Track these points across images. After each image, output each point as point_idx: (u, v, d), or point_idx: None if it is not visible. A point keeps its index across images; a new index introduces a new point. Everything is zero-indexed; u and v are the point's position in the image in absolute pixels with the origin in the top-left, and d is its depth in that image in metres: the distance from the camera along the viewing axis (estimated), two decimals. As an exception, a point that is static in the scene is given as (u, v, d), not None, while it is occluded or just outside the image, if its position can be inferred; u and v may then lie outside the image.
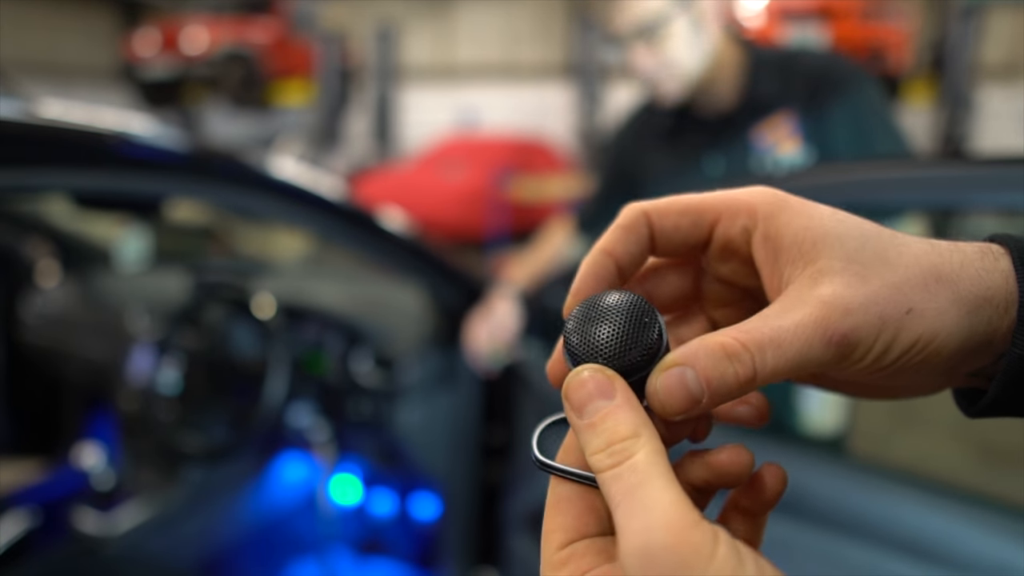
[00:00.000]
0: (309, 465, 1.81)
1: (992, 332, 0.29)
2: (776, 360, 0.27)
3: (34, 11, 15.49)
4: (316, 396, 1.54)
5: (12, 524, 1.53)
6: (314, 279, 2.05)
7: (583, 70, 10.36)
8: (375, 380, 1.48)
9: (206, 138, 7.65)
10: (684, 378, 0.27)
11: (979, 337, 0.29)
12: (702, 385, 0.27)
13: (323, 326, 1.63)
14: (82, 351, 1.90)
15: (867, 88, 1.14)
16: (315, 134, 10.29)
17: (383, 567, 1.87)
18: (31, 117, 0.74)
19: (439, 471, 1.55)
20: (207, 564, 1.74)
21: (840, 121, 1.13)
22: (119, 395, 1.73)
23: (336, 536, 1.81)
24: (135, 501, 1.65)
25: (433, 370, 1.49)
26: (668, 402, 0.27)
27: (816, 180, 0.89)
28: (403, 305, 1.69)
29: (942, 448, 3.31)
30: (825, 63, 1.17)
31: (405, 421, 1.45)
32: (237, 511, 1.80)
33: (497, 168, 7.97)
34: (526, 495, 1.26)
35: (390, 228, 1.26)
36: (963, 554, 0.78)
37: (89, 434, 2.16)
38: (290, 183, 1.08)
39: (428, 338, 1.52)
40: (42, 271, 2.14)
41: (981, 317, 0.29)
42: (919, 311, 0.28)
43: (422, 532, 1.90)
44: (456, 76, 13.94)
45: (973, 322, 0.29)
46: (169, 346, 1.56)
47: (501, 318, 1.27)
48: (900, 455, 3.18)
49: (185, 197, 0.95)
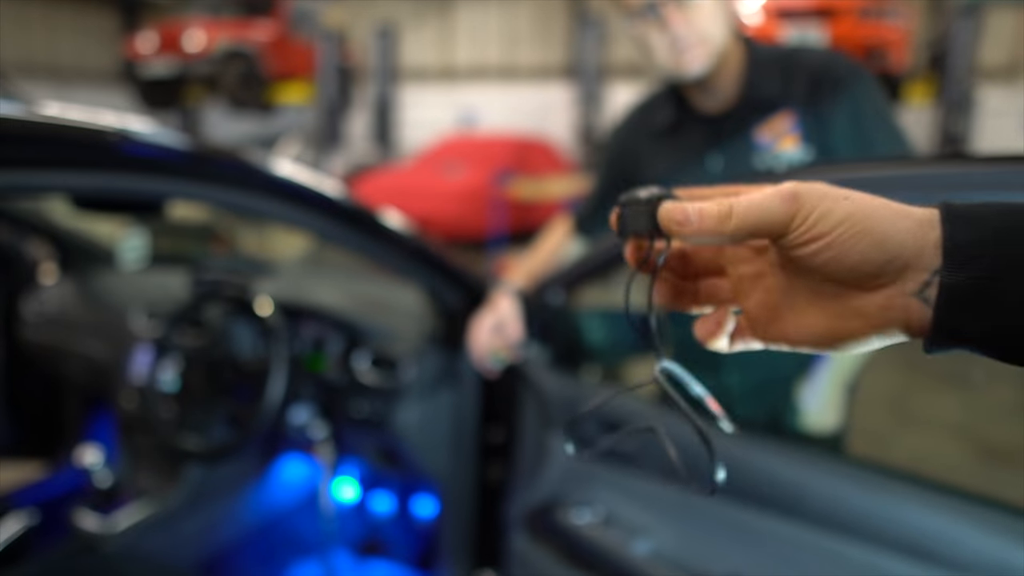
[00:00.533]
0: (309, 465, 1.81)
1: (922, 239, 0.36)
2: (747, 207, 0.38)
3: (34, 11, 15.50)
4: (316, 396, 1.54)
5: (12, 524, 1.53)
6: (314, 279, 2.05)
7: (583, 70, 10.35)
8: (375, 380, 1.48)
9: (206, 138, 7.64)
10: (684, 207, 0.40)
11: (906, 236, 0.36)
12: (693, 212, 0.39)
13: (323, 326, 1.62)
14: (82, 350, 1.90)
15: (867, 86, 1.14)
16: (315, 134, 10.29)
17: (383, 567, 1.87)
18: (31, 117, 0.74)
19: (439, 471, 1.55)
20: (207, 564, 1.74)
21: (840, 119, 1.13)
22: (119, 394, 1.73)
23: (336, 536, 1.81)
24: (135, 501, 1.65)
25: (433, 370, 1.49)
26: (670, 215, 0.40)
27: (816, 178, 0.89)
28: (403, 305, 1.69)
29: (942, 448, 3.31)
30: (825, 60, 1.17)
31: (405, 421, 1.45)
32: (237, 511, 1.80)
33: (497, 168, 7.97)
34: (526, 495, 1.26)
35: (390, 228, 1.26)
36: (963, 554, 0.78)
37: (89, 434, 2.16)
38: (290, 183, 1.08)
39: (428, 338, 1.52)
40: (42, 271, 2.14)
41: (909, 221, 0.36)
42: (854, 198, 0.38)
43: (422, 532, 1.90)
44: (456, 76, 13.94)
45: (900, 222, 0.36)
46: (169, 346, 1.56)
47: (505, 318, 1.26)
48: (900, 455, 3.18)
49: (185, 197, 0.95)
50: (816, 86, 1.15)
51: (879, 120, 1.14)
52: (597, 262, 1.16)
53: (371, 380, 1.48)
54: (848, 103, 1.13)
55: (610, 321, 1.53)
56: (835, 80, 1.14)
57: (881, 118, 1.14)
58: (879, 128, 1.13)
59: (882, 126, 1.14)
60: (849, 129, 1.13)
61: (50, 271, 2.13)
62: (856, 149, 1.13)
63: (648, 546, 1.05)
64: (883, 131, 1.13)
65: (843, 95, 1.13)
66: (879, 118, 1.14)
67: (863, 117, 1.13)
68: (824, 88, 1.14)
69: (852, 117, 1.13)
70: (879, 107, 1.15)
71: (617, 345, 1.48)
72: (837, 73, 1.14)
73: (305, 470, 1.96)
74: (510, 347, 1.26)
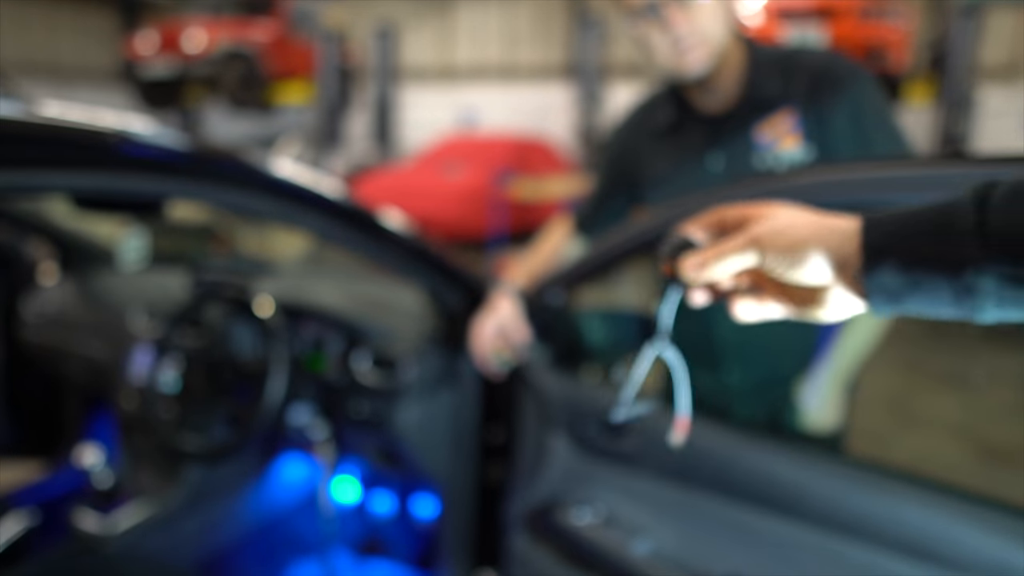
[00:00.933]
0: (309, 465, 1.81)
1: (848, 247, 0.52)
2: (736, 262, 0.56)
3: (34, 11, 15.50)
4: (316, 396, 1.54)
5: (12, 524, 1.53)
6: (314, 279, 2.05)
7: (583, 70, 10.35)
8: (375, 380, 1.48)
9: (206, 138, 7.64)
10: (698, 262, 0.58)
11: (836, 248, 0.52)
12: (703, 268, 0.58)
13: (323, 326, 1.62)
14: (82, 350, 1.90)
15: (867, 86, 1.14)
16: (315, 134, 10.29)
17: (383, 567, 1.87)
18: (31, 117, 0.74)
19: (439, 471, 1.55)
20: (207, 564, 1.74)
21: (840, 119, 1.13)
22: (119, 394, 1.73)
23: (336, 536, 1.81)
24: (135, 501, 1.64)
25: (433, 370, 1.49)
26: (686, 270, 0.59)
27: (816, 178, 0.89)
28: (403, 305, 1.69)
29: (942, 448, 3.31)
30: (825, 61, 1.17)
31: (405, 421, 1.45)
32: (237, 511, 1.80)
33: (497, 168, 7.97)
34: (526, 495, 1.26)
35: (390, 228, 1.26)
36: (963, 554, 0.78)
37: (89, 434, 2.16)
38: (290, 183, 1.08)
39: (428, 338, 1.52)
40: (42, 271, 2.14)
41: (836, 235, 0.52)
42: (794, 229, 0.54)
43: (422, 532, 1.90)
44: (456, 76, 13.94)
45: (830, 238, 0.53)
46: (169, 346, 1.56)
47: (508, 319, 1.26)
48: (900, 455, 3.18)
49: (185, 197, 0.95)
50: (816, 86, 1.15)
51: (879, 120, 1.14)
52: (597, 262, 1.16)
53: (371, 380, 1.48)
54: (848, 103, 1.13)
55: (610, 321, 1.53)
56: (835, 80, 1.14)
57: (881, 119, 1.14)
58: (879, 128, 1.14)
59: (882, 127, 1.14)
60: (849, 129, 1.13)
61: (50, 271, 2.13)
62: (856, 149, 1.13)
63: (648, 546, 1.05)
64: (883, 131, 1.14)
65: (843, 95, 1.13)
66: (879, 119, 1.14)
67: (863, 117, 1.13)
68: (824, 88, 1.14)
69: (852, 117, 1.13)
70: (879, 108, 1.15)
71: (617, 345, 1.48)
72: (837, 73, 1.14)
73: (305, 470, 1.96)
74: (514, 349, 1.26)
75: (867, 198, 0.84)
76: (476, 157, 8.46)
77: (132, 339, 1.76)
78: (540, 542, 1.20)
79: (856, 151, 1.13)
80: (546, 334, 1.32)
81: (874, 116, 1.14)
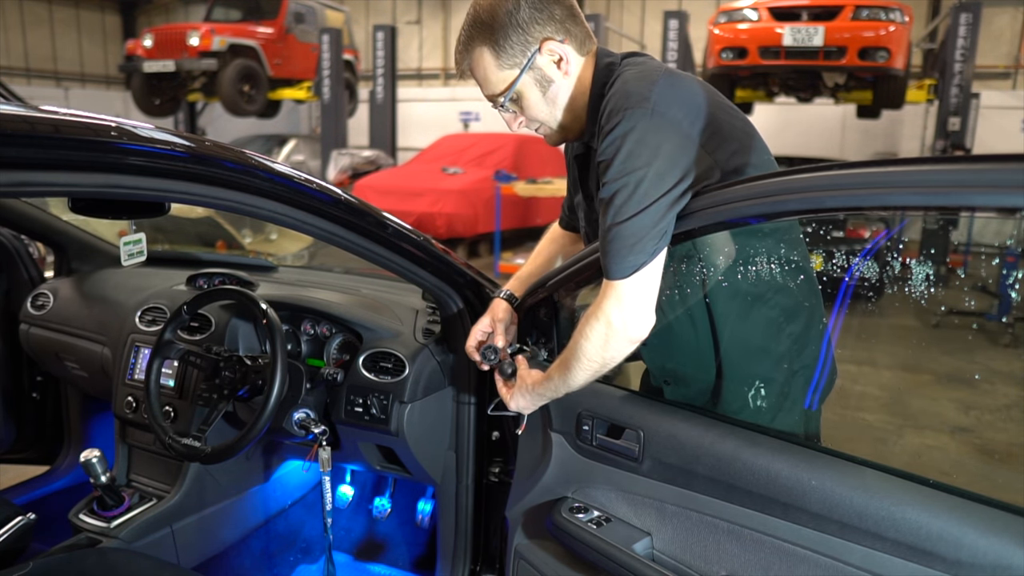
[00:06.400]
0: (309, 465, 1.81)
1: None
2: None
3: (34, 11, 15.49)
4: (316, 396, 1.54)
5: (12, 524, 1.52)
6: (314, 279, 2.05)
7: (583, 70, 10.32)
8: (375, 380, 1.48)
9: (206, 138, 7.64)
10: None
11: None
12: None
13: (323, 326, 1.62)
14: (82, 350, 1.90)
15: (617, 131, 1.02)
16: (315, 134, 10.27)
17: (383, 567, 1.87)
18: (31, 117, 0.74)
19: (439, 471, 1.55)
20: (207, 564, 1.74)
21: None
22: (119, 394, 1.73)
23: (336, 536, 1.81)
24: (135, 501, 1.64)
25: (433, 370, 1.49)
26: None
27: (816, 178, 0.89)
28: (403, 305, 1.69)
29: (942, 448, 3.31)
30: (613, 94, 1.10)
31: (405, 421, 1.45)
32: (237, 511, 1.80)
33: (497, 168, 7.97)
34: (526, 495, 1.26)
35: (390, 228, 1.26)
36: (963, 554, 0.78)
37: (89, 434, 2.16)
38: (290, 183, 1.08)
39: (428, 338, 1.52)
40: (42, 270, 2.14)
41: None
42: None
43: (421, 532, 1.90)
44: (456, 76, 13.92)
45: None
46: (169, 346, 1.56)
47: (497, 320, 1.31)
48: (900, 455, 3.18)
49: (185, 197, 0.95)
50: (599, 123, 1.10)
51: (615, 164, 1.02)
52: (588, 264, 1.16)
53: (371, 380, 1.48)
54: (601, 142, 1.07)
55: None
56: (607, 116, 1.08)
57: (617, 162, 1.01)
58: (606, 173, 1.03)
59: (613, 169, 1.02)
60: None
61: (50, 271, 2.13)
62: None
63: (648, 546, 1.05)
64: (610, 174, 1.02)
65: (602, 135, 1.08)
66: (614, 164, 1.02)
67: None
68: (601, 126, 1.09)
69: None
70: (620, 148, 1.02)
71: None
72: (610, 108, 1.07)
73: (305, 470, 1.96)
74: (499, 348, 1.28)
75: (868, 199, 0.84)
76: (476, 157, 8.46)
77: (132, 339, 1.76)
78: (540, 542, 1.20)
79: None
80: (544, 335, 1.32)
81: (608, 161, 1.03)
